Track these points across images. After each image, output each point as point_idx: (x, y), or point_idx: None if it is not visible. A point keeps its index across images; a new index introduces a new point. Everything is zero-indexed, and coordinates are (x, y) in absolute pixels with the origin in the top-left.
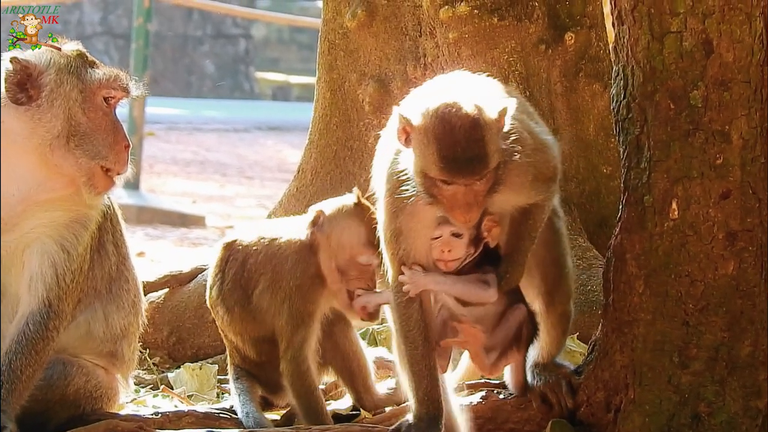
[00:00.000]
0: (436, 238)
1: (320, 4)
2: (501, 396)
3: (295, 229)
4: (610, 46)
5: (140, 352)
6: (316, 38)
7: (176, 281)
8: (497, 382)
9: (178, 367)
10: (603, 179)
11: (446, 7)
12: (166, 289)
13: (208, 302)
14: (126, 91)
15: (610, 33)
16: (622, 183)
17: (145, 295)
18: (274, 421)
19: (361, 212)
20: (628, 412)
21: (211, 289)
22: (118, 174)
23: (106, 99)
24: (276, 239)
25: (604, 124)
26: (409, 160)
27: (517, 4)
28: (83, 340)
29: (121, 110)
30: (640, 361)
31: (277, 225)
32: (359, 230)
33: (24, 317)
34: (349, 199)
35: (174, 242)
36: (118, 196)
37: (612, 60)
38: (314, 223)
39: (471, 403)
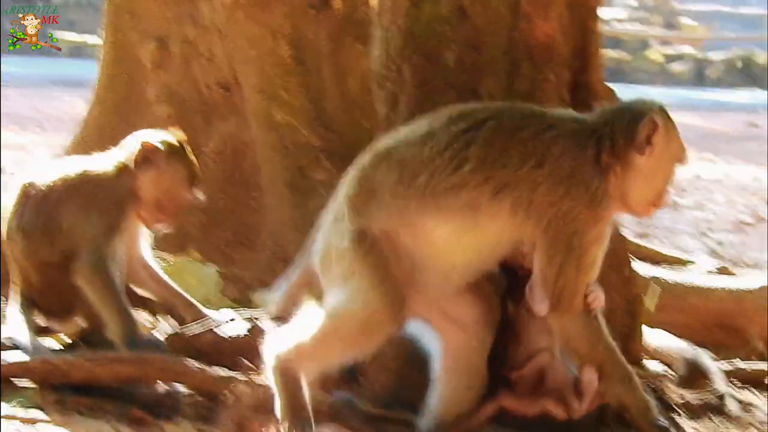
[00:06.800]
0: None
1: None
2: None
3: (106, 160)
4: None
5: None
6: None
7: None
8: None
9: None
10: (363, 132)
11: None
12: None
13: (4, 234)
14: None
15: None
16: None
17: None
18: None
19: (187, 152)
20: None
21: (9, 221)
22: None
23: None
24: (86, 170)
25: (367, 83)
26: (647, 167)
27: None
28: None
29: None
30: None
31: (81, 161)
32: (186, 170)
33: None
34: (173, 137)
35: None
36: None
37: (374, 23)
38: (146, 156)
39: None
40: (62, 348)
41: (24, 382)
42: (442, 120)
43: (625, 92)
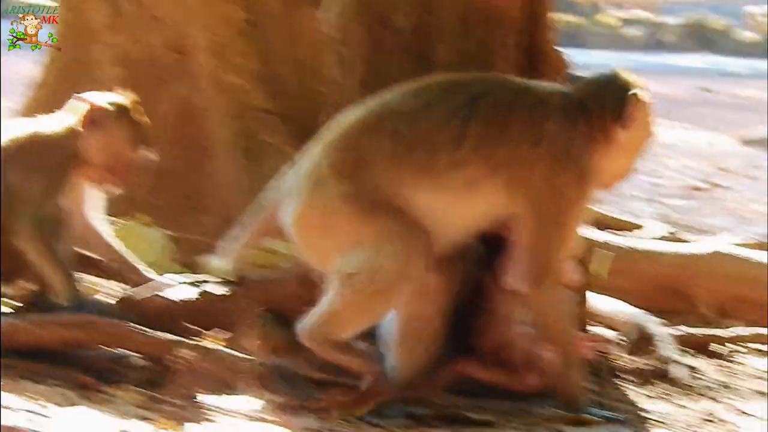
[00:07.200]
0: None
1: None
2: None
3: (55, 121)
4: None
5: None
6: None
7: None
8: None
9: None
10: (316, 96)
11: None
12: None
13: None
14: None
15: None
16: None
17: None
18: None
19: (135, 113)
20: None
21: None
22: None
23: None
24: (35, 131)
25: (320, 46)
26: (626, 142)
27: None
28: None
29: None
30: None
31: (30, 122)
32: (135, 131)
33: None
34: (122, 99)
35: None
36: None
37: None
38: (93, 117)
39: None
40: (12, 311)
41: None
42: (435, 92)
43: (579, 57)
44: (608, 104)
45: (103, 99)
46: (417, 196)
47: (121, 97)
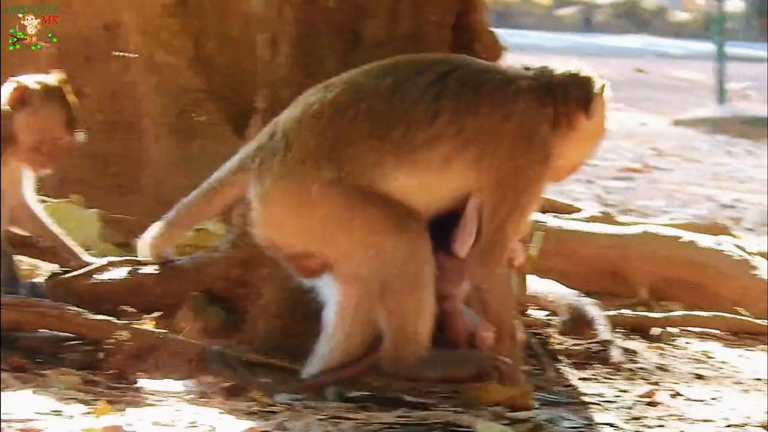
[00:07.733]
0: None
1: None
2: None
3: None
4: None
5: None
6: None
7: None
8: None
9: None
10: (245, 74)
11: None
12: None
13: None
14: None
15: None
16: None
17: None
18: None
19: (64, 93)
20: (261, 287)
21: None
22: None
23: None
24: None
25: (248, 24)
26: (585, 133)
27: None
28: None
29: None
30: None
31: None
32: (63, 111)
33: None
34: (51, 79)
35: None
36: None
37: None
38: (21, 97)
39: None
40: None
41: None
42: (402, 70)
43: (512, 38)
44: (575, 92)
45: (31, 79)
46: (395, 175)
47: (50, 77)
